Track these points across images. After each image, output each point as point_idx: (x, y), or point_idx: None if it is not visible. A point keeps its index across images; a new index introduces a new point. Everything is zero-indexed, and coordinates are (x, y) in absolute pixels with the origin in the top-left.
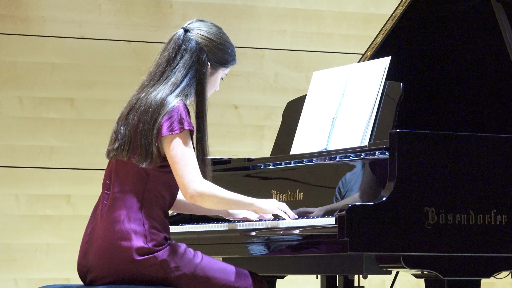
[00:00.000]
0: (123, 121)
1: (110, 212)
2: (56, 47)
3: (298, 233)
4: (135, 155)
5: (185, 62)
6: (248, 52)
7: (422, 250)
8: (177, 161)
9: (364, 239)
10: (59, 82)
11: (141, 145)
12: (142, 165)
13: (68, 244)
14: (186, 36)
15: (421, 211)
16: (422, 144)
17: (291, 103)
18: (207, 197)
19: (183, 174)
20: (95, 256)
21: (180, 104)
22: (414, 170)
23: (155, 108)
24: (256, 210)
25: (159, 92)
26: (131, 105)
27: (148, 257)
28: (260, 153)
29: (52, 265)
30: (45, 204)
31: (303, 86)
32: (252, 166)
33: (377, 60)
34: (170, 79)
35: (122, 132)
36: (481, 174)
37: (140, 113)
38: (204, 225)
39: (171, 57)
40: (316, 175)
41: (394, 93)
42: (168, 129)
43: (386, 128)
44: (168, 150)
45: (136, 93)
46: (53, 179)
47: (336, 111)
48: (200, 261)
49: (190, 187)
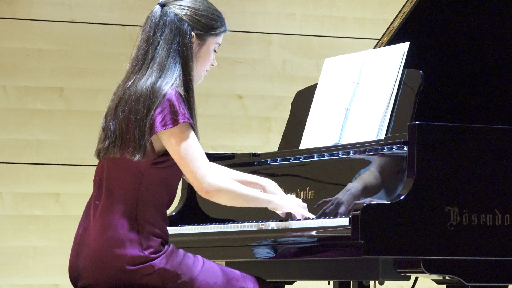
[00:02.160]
0: (111, 115)
1: (102, 215)
2: (44, 32)
3: (308, 235)
4: (128, 149)
5: (166, 37)
6: (253, 37)
7: (444, 254)
8: (182, 157)
9: (380, 241)
10: (47, 70)
11: (134, 137)
12: (135, 158)
13: (57, 246)
14: (163, 10)
15: (442, 211)
16: (443, 138)
17: (301, 92)
18: (224, 192)
19: (194, 170)
20: (87, 262)
21: (172, 93)
22: (434, 165)
23: (146, 96)
24: (276, 208)
25: (148, 77)
26: (118, 97)
27: (144, 266)
28: (267, 148)
29: (40, 270)
30: (31, 203)
31: (314, 75)
32: (258, 162)
33: (395, 46)
34: (155, 61)
35: (111, 127)
36: (508, 171)
37: (131, 103)
38: (205, 226)
39: (150, 36)
40: (327, 171)
41: (413, 82)
42: (161, 123)
43: (404, 120)
44: (170, 147)
45: (122, 83)
46: (40, 175)
47: (350, 102)
48: (201, 267)
49: (205, 181)
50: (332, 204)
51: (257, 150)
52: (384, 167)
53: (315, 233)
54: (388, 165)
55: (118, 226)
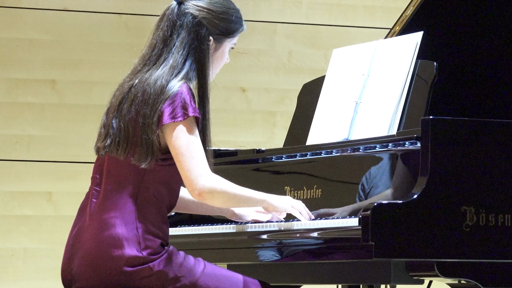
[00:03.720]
0: (114, 112)
1: (99, 213)
2: (35, 21)
3: (315, 236)
4: (134, 154)
5: (182, 40)
6: (257, 26)
7: (459, 256)
8: (182, 152)
9: (391, 243)
10: (39, 61)
11: (141, 142)
12: (142, 165)
13: (49, 248)
14: (181, 9)
15: (458, 210)
16: (459, 133)
17: (308, 85)
18: (218, 194)
19: (190, 168)
20: (81, 264)
21: (184, 87)
22: (449, 162)
23: (155, 98)
24: (268, 207)
25: (158, 78)
26: (122, 93)
27: (142, 268)
28: (272, 144)
29: (30, 273)
30: (22, 202)
31: (321, 66)
32: (262, 159)
33: (407, 35)
34: (168, 62)
35: (114, 125)
36: None
37: (138, 104)
38: (206, 227)
39: (167, 37)
40: (336, 169)
41: (427, 74)
42: (170, 116)
43: (418, 114)
44: (171, 140)
45: (128, 79)
46: (31, 173)
47: (360, 95)
48: (203, 270)
49: (199, 182)
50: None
51: (261, 146)
52: (396, 164)
53: (320, 234)
54: (400, 162)
55: (115, 225)
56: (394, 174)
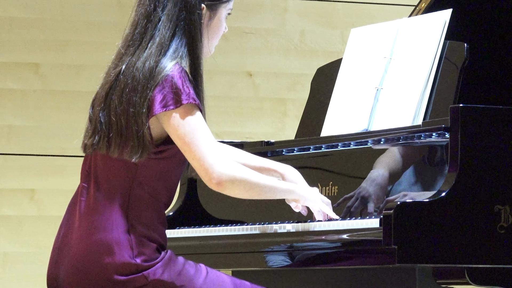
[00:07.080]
0: (101, 104)
1: (89, 214)
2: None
3: (331, 239)
4: (127, 148)
5: (169, 12)
6: (266, 3)
7: (493, 262)
8: (188, 142)
9: (417, 247)
10: (20, 42)
11: (133, 135)
12: (132, 159)
13: (32, 253)
14: None
15: (491, 210)
16: (492, 123)
17: (322, 69)
18: (239, 182)
19: (201, 156)
20: (68, 271)
21: (175, 70)
22: (482, 156)
23: (144, 84)
24: (298, 199)
25: (145, 60)
26: (109, 82)
27: (136, 277)
28: (282, 135)
29: (11, 280)
30: (1, 201)
31: (338, 48)
32: (271, 152)
33: (434, 13)
34: (155, 40)
35: (102, 120)
36: None
37: (128, 93)
38: (208, 229)
39: (150, 11)
40: (354, 163)
41: (456, 57)
42: (160, 104)
43: (446, 102)
44: (173, 131)
45: (113, 66)
46: (12, 168)
47: (381, 80)
48: (205, 278)
49: (215, 170)
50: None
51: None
52: (422, 158)
53: (339, 236)
54: (426, 155)
55: (105, 228)
56: (420, 169)
